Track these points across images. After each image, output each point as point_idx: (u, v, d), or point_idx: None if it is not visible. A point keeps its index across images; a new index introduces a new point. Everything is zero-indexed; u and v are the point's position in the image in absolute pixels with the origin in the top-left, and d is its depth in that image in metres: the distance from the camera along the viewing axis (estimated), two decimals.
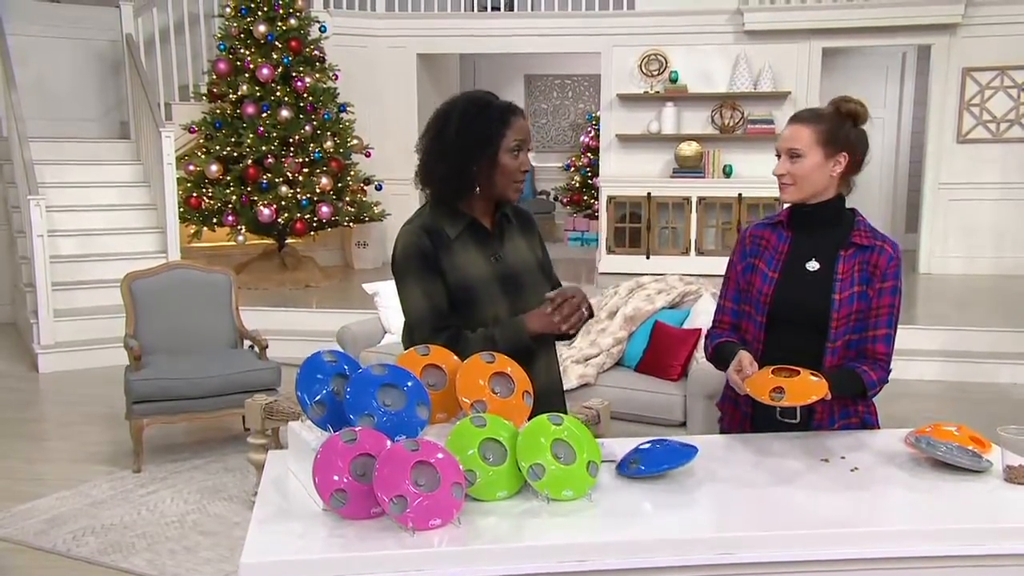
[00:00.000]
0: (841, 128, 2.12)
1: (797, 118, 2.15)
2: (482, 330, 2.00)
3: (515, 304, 2.04)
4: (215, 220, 7.33)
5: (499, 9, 9.29)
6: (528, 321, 1.99)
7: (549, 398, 2.07)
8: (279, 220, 7.29)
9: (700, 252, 8.36)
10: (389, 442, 1.63)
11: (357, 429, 1.64)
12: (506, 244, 2.09)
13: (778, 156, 2.15)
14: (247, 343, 4.65)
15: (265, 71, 7.18)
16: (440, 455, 1.61)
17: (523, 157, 2.02)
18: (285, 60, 7.32)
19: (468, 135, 1.99)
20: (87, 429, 4.78)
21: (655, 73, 8.53)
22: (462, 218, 2.04)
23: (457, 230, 2.03)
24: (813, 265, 2.14)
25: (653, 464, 1.76)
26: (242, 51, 7.33)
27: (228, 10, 7.47)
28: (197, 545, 3.38)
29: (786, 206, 2.23)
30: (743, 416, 2.22)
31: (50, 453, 4.49)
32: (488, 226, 2.08)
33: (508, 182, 2.01)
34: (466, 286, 2.02)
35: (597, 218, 9.34)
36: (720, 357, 2.18)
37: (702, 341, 3.97)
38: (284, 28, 7.35)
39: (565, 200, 11.76)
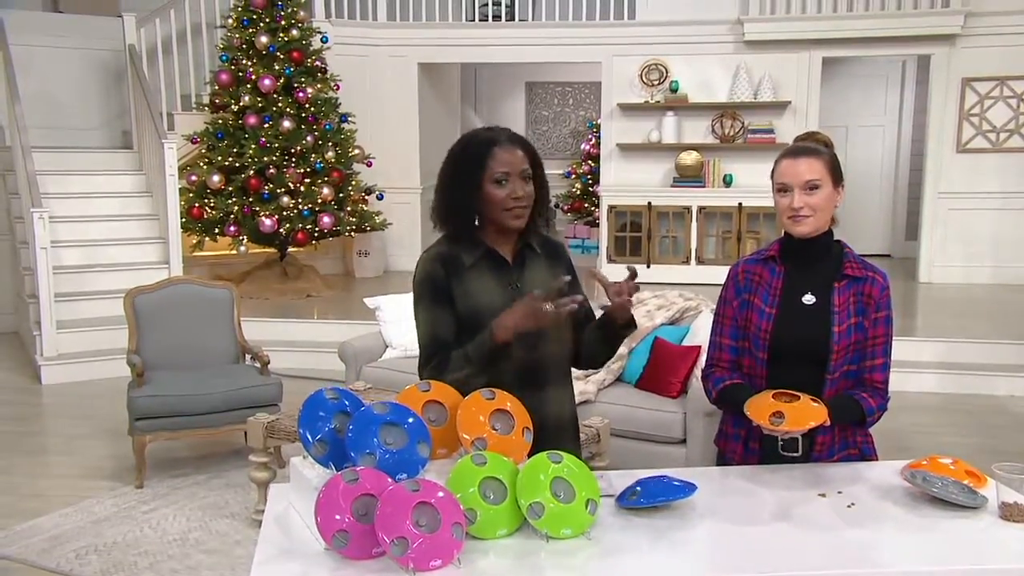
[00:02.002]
0: (837, 160, 2.15)
1: (805, 151, 2.13)
2: (458, 351, 2.02)
3: (526, 333, 2.05)
4: (217, 230, 7.35)
5: (500, 19, 9.32)
6: (495, 324, 1.96)
7: (558, 434, 2.04)
8: (281, 230, 7.31)
9: (700, 261, 8.39)
10: (391, 481, 1.66)
11: (359, 469, 1.66)
12: (527, 274, 2.10)
13: (782, 191, 2.13)
14: (249, 358, 4.68)
15: (267, 82, 7.21)
16: (441, 494, 1.63)
17: (511, 186, 2.02)
18: (287, 71, 7.35)
19: (457, 171, 2.07)
20: (89, 443, 4.80)
21: (655, 82, 8.56)
22: (479, 247, 2.08)
23: (473, 258, 2.07)
24: (809, 299, 2.16)
25: (651, 496, 1.78)
26: (244, 62, 7.35)
27: (230, 21, 7.50)
28: (199, 564, 3.40)
29: (776, 240, 2.24)
30: (747, 451, 2.23)
31: (52, 468, 4.52)
32: (508, 255, 2.10)
33: (499, 211, 2.04)
34: (474, 313, 2.04)
35: (598, 225, 9.37)
36: (730, 401, 2.17)
37: (702, 359, 4.00)
38: (286, 39, 7.38)
39: (566, 207, 11.79)
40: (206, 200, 7.32)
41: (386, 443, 1.74)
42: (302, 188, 7.34)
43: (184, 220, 7.18)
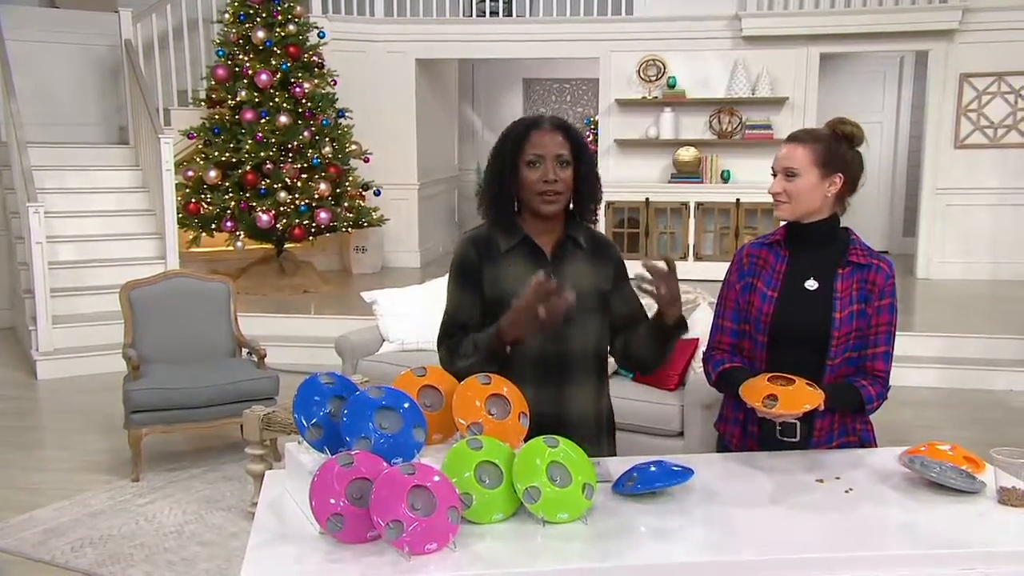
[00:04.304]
0: (837, 149, 2.14)
1: (794, 138, 2.17)
2: (470, 336, 2.03)
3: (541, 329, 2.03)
4: (214, 226, 7.33)
5: (497, 14, 9.30)
6: (501, 322, 1.94)
7: (580, 431, 1.97)
8: (278, 226, 7.29)
9: (698, 257, 8.38)
10: (386, 465, 1.64)
11: (354, 452, 1.65)
12: (566, 267, 2.08)
13: (774, 174, 2.16)
14: (245, 352, 4.66)
15: (264, 77, 7.18)
16: (436, 478, 1.62)
17: (543, 169, 2.00)
18: (284, 66, 7.32)
19: (498, 153, 2.07)
20: (85, 437, 4.79)
21: (653, 78, 8.54)
22: (517, 234, 2.07)
23: (510, 244, 2.07)
24: (812, 284, 2.15)
25: (648, 482, 1.77)
26: (241, 57, 7.33)
27: (227, 16, 7.47)
28: (195, 556, 3.39)
29: (782, 225, 2.24)
30: (745, 435, 2.22)
31: (48, 462, 4.50)
32: (546, 246, 2.08)
33: (531, 195, 2.03)
34: (501, 299, 2.04)
35: (596, 222, 9.35)
36: (729, 384, 2.16)
37: (699, 352, 3.99)
38: (283, 34, 7.35)
39: None
40: (203, 195, 7.30)
41: (381, 427, 1.73)
42: (299, 184, 7.31)
43: (180, 215, 7.15)
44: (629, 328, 2.12)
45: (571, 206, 2.11)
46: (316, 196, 7.34)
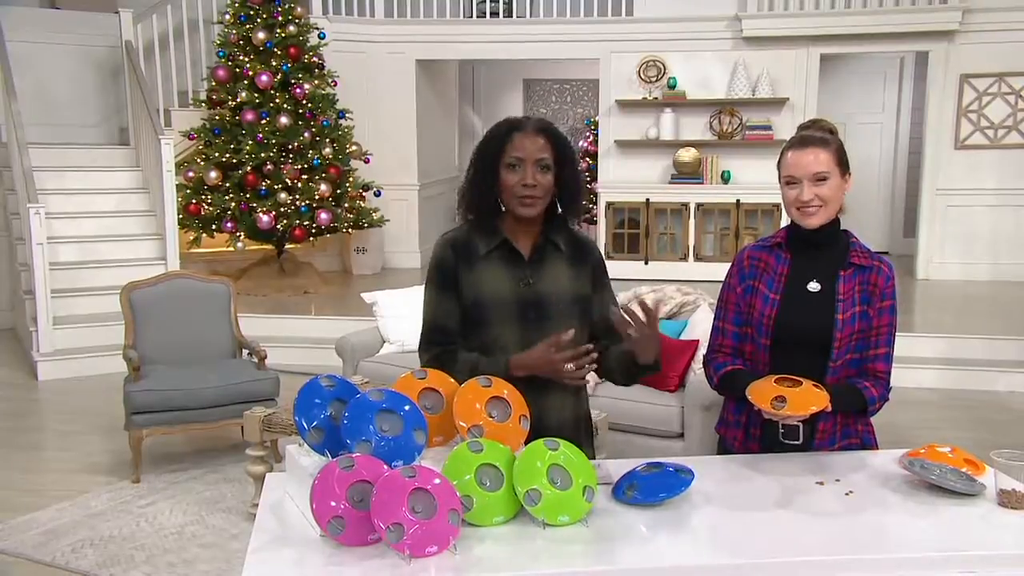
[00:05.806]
0: (843, 148, 2.15)
1: (812, 142, 2.11)
2: (471, 357, 2.02)
3: (531, 331, 2.02)
4: (214, 227, 7.34)
5: (498, 15, 9.30)
6: (512, 361, 1.97)
7: (558, 435, 1.96)
8: (278, 227, 7.29)
9: (698, 258, 8.39)
10: (386, 468, 1.65)
11: (355, 455, 1.65)
12: (545, 271, 2.07)
13: (789, 183, 2.12)
14: (246, 353, 4.66)
15: (264, 78, 7.18)
16: (437, 481, 1.63)
17: (523, 172, 1.99)
18: (284, 67, 7.33)
19: (479, 155, 2.06)
20: (86, 439, 4.79)
21: (653, 79, 8.55)
22: (496, 236, 2.06)
23: (489, 247, 2.05)
24: (814, 286, 2.15)
25: (649, 493, 1.77)
26: (241, 58, 7.33)
27: (227, 17, 7.48)
28: (196, 558, 3.39)
29: (783, 227, 2.24)
30: (747, 438, 2.22)
31: (49, 463, 4.50)
32: (525, 249, 2.07)
33: (510, 197, 2.02)
34: (479, 304, 2.03)
35: (596, 223, 9.36)
36: (731, 387, 2.17)
37: (699, 353, 3.99)
38: (283, 35, 7.36)
39: None
40: (203, 196, 7.30)
41: (382, 430, 1.73)
42: (299, 184, 7.32)
43: (181, 216, 7.16)
44: (607, 336, 2.10)
45: (559, 209, 2.10)
46: (316, 197, 7.34)
